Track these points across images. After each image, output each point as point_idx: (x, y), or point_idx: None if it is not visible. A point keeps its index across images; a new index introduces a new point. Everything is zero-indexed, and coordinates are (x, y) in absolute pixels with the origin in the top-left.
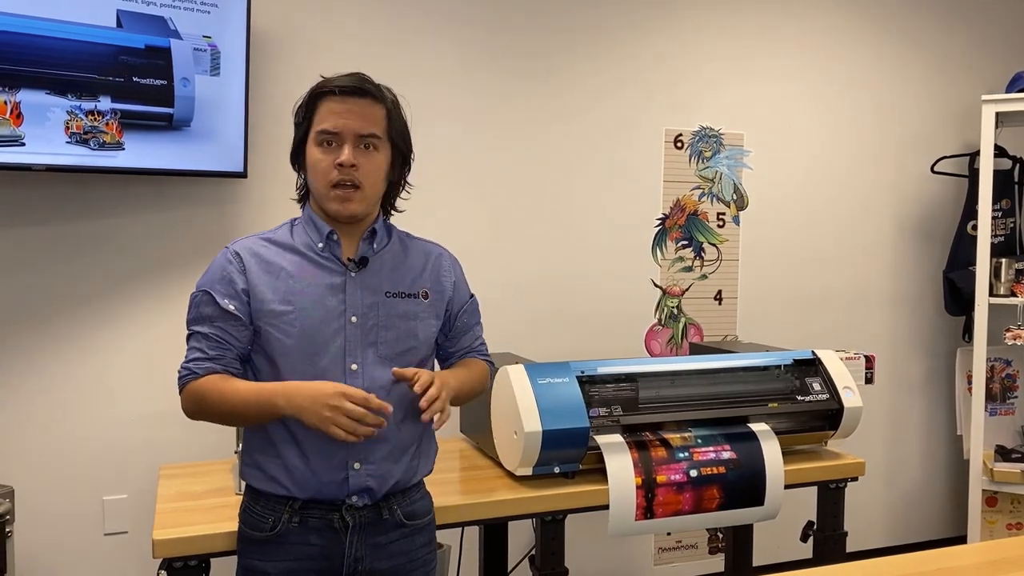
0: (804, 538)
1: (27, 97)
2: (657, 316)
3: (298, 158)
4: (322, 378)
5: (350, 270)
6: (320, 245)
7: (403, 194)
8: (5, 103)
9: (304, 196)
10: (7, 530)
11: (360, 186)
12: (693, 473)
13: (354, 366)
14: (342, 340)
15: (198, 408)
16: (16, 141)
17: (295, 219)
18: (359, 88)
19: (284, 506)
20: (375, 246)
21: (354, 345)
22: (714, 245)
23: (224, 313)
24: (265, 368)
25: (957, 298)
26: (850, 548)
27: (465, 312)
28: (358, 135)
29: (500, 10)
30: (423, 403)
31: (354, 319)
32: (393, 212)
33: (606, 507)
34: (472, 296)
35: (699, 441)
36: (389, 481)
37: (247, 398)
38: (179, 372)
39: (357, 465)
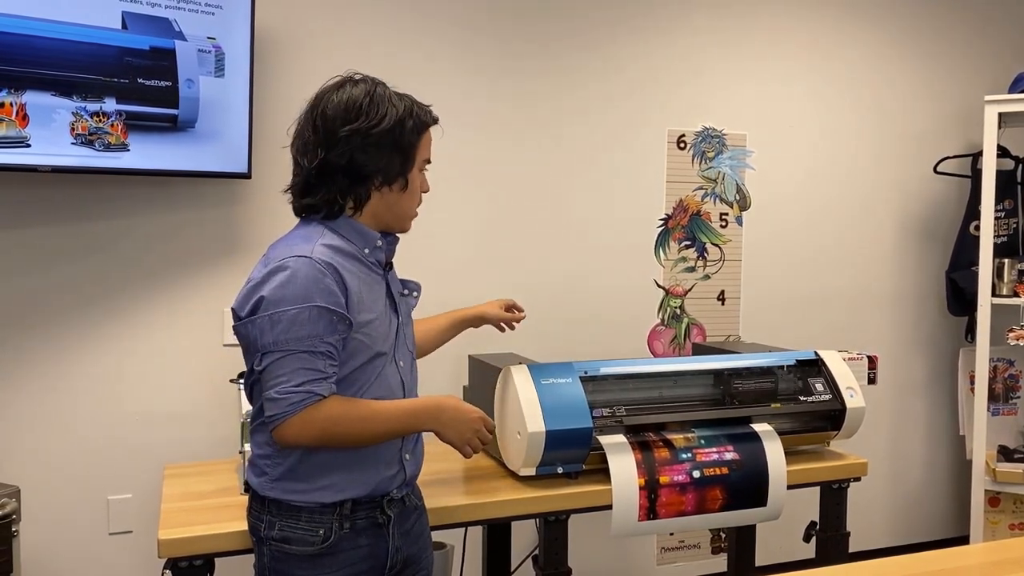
0: (807, 538)
1: (32, 98)
2: (660, 316)
3: (396, 179)
4: (384, 376)
5: (387, 273)
6: (367, 251)
7: None
8: (11, 104)
9: (336, 207)
10: (13, 529)
11: None
12: (696, 474)
13: (401, 363)
14: (394, 339)
15: (324, 433)
16: (22, 142)
17: (323, 225)
18: None
19: (332, 514)
20: (391, 251)
21: (400, 342)
22: (717, 245)
23: (342, 325)
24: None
25: (960, 298)
26: (852, 548)
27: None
28: None
29: (503, 12)
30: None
31: (399, 319)
32: None
33: (609, 507)
34: None
35: (702, 442)
36: (420, 467)
37: (393, 420)
38: (285, 397)
39: (408, 456)
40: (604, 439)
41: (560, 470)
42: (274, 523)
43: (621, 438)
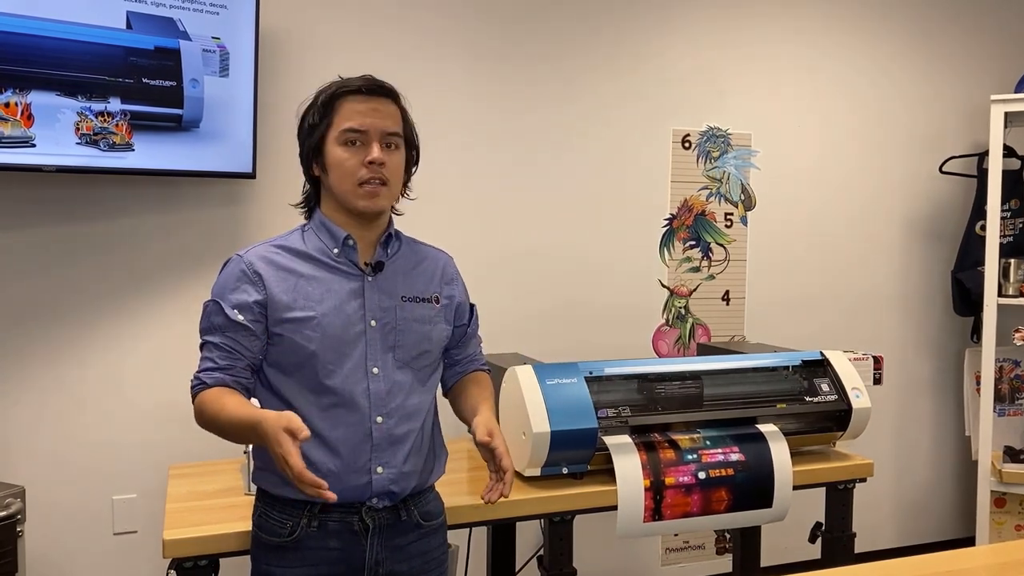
0: (812, 539)
1: (37, 98)
2: (664, 316)
3: (313, 161)
4: (344, 383)
5: (367, 275)
6: (335, 251)
7: (406, 194)
8: (16, 104)
9: (310, 203)
10: (18, 529)
11: (387, 183)
12: (701, 475)
13: (375, 370)
14: (363, 345)
15: (200, 420)
16: (27, 142)
17: (304, 225)
18: (381, 87)
19: (303, 511)
20: (389, 251)
21: (374, 349)
22: (722, 245)
23: (233, 323)
24: (278, 378)
25: (966, 298)
26: (858, 549)
27: (473, 319)
28: (384, 133)
29: (509, 13)
30: (500, 494)
31: (373, 323)
32: (394, 212)
33: (614, 508)
34: (473, 304)
35: (707, 443)
36: (409, 484)
37: (231, 423)
38: (191, 381)
39: (380, 469)
40: (609, 440)
41: (565, 471)
42: (258, 509)
43: (626, 439)
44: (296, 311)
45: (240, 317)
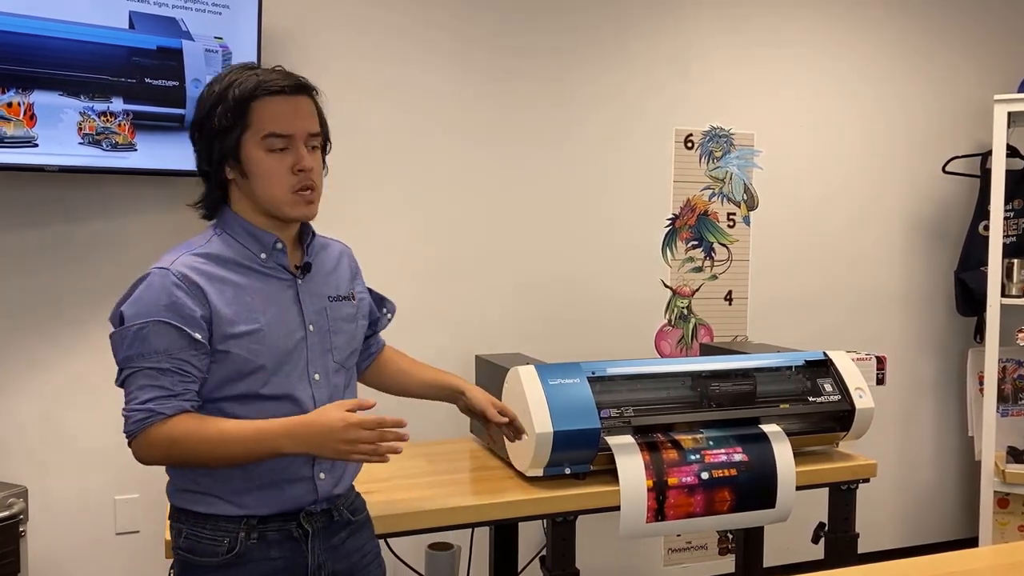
0: (815, 539)
1: (40, 98)
2: (667, 317)
3: (223, 164)
4: (288, 393)
5: (297, 278)
6: (263, 256)
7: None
8: (18, 104)
9: (215, 204)
10: (20, 530)
11: (316, 188)
12: (704, 475)
13: (316, 376)
14: (304, 351)
15: (169, 453)
16: (29, 142)
17: (215, 230)
18: (302, 86)
19: (239, 524)
20: (309, 251)
21: (314, 355)
22: (724, 245)
23: (190, 342)
24: (218, 392)
25: (969, 299)
26: (861, 549)
27: (377, 302)
28: (308, 135)
29: (510, 12)
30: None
31: (311, 328)
32: None
33: (617, 508)
34: (370, 288)
35: (710, 443)
36: (347, 484)
37: (243, 442)
38: (130, 416)
39: (323, 475)
40: (612, 440)
41: (568, 471)
42: (181, 531)
43: (629, 439)
44: (240, 324)
45: (198, 335)
